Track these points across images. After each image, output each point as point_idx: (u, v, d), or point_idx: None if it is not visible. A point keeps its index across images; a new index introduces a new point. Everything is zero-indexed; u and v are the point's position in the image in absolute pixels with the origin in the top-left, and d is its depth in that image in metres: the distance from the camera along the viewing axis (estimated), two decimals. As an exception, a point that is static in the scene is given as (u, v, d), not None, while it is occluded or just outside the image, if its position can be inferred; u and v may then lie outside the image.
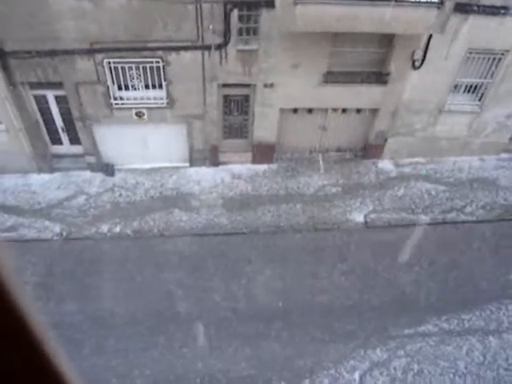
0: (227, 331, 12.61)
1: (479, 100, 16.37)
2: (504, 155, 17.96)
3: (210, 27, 13.39)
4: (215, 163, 16.76)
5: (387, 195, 16.25)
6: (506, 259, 14.58)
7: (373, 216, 15.57)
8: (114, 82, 14.65)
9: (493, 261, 14.50)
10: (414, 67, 14.88)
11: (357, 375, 12.19)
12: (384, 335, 12.82)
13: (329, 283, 13.71)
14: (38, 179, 16.10)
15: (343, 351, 12.50)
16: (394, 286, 13.77)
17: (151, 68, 14.38)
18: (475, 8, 13.82)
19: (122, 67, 14.33)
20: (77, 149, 16.27)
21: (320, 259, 14.25)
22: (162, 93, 14.97)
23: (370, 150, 17.24)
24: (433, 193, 16.40)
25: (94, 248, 14.34)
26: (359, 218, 15.48)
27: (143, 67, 14.38)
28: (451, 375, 12.29)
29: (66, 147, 16.41)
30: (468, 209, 15.94)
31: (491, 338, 12.98)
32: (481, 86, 16.03)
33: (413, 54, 14.56)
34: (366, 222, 15.40)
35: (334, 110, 16.05)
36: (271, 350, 12.38)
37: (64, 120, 15.71)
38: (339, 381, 12.07)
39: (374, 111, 16.20)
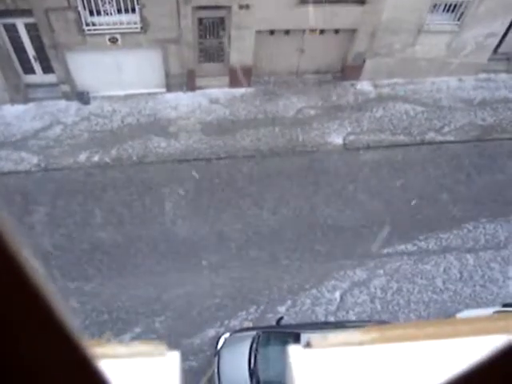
0: (210, 255, 12.76)
1: (458, 19, 16.17)
2: (482, 75, 17.89)
3: None
4: (192, 88, 16.48)
5: (366, 117, 16.21)
6: (483, 179, 14.75)
7: (351, 138, 15.56)
8: (85, 8, 14.18)
9: (470, 180, 14.67)
10: (393, -15, 14.62)
11: (338, 294, 12.49)
12: (363, 255, 13.04)
13: (308, 205, 13.84)
14: (11, 110, 15.76)
15: (324, 272, 12.73)
16: (372, 206, 13.93)
17: (124, -9, 13.96)
18: None
19: (93, -9, 13.89)
20: (50, 78, 15.87)
21: (300, 181, 14.31)
22: (136, 17, 14.55)
23: (348, 71, 17.04)
24: (411, 113, 16.39)
25: (73, 177, 14.23)
26: (338, 140, 15.47)
27: (115, -10, 13.96)
28: (429, 292, 12.64)
29: (39, 76, 16.02)
30: (446, 129, 16.00)
31: (468, 256, 13.31)
32: (460, 5, 15.79)
33: (391, -30, 14.28)
34: (344, 144, 15.40)
35: (312, 31, 15.77)
36: (253, 272, 12.56)
37: (36, 49, 15.25)
38: (320, 300, 12.36)
39: (353, 32, 15.95)
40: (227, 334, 11.07)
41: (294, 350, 1.29)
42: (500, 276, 13.12)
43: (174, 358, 1.10)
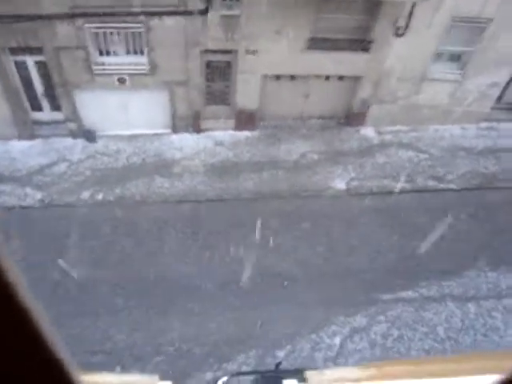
0: (206, 298, 12.67)
1: (461, 69, 16.40)
2: (484, 124, 18.06)
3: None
4: (197, 130, 16.67)
5: (369, 162, 16.32)
6: (485, 227, 14.75)
7: (355, 183, 15.64)
8: (95, 48, 14.43)
9: (472, 228, 14.66)
10: (398, 35, 14.83)
11: (337, 340, 12.33)
12: (364, 301, 12.96)
13: (309, 249, 13.79)
14: (18, 146, 15.90)
15: (324, 317, 12.62)
16: (374, 252, 13.89)
17: (133, 33, 14.19)
18: (460, -25, 13.79)
19: (103, 32, 14.12)
20: (58, 115, 16.06)
21: (301, 226, 14.31)
22: (144, 59, 14.79)
23: (352, 117, 17.25)
24: (414, 160, 16.50)
25: (75, 215, 14.26)
26: (341, 185, 15.54)
27: (125, 32, 14.18)
28: (430, 340, 12.49)
29: (46, 113, 16.21)
30: (449, 177, 16.07)
31: (470, 305, 13.18)
32: (464, 55, 16.03)
33: (396, 21, 14.50)
34: (347, 190, 15.46)
35: (317, 77, 16.00)
36: (252, 316, 12.47)
37: (44, 86, 15.48)
38: (320, 345, 12.20)
39: (357, 79, 16.18)
40: (225, 378, 10.94)
41: None
42: (502, 325, 12.97)
43: None
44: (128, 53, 14.73)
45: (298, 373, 10.88)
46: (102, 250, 13.48)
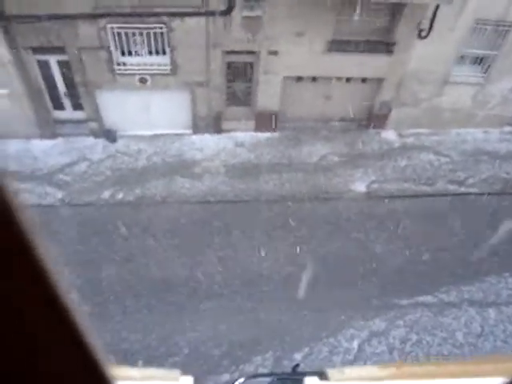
0: (225, 299, 12.64)
1: (485, 72, 16.27)
2: (508, 128, 17.89)
3: (215, -8, 13.26)
4: (218, 130, 16.68)
5: (390, 166, 16.22)
6: (506, 232, 14.59)
7: (375, 186, 15.55)
8: (117, 48, 14.50)
9: (493, 234, 14.50)
10: (421, 37, 14.73)
11: (355, 344, 12.24)
12: (383, 305, 12.86)
13: (329, 252, 13.73)
14: (40, 145, 15.99)
15: (342, 320, 12.55)
16: (393, 256, 13.80)
17: (155, 34, 14.23)
18: (484, -22, 13.68)
19: (125, 33, 14.17)
20: (79, 114, 16.16)
21: (322, 228, 14.26)
22: (166, 59, 14.84)
23: (373, 120, 17.16)
24: (435, 164, 16.37)
25: (95, 214, 14.33)
26: (361, 187, 15.46)
27: (147, 33, 14.22)
28: (449, 346, 12.36)
29: (68, 113, 16.31)
30: (470, 181, 15.93)
31: (490, 310, 13.03)
32: (487, 58, 15.90)
33: (419, 23, 14.40)
34: (368, 192, 15.37)
35: (339, 78, 15.94)
36: (270, 318, 12.42)
37: (66, 85, 15.59)
38: (338, 349, 12.12)
39: (379, 81, 16.09)
40: (241, 379, 10.88)
41: (310, 383, 1.29)
42: (522, 332, 12.89)
43: (187, 383, 1.10)
44: (150, 53, 14.77)
45: (317, 373, 10.81)
46: (113, 249, 13.48)
